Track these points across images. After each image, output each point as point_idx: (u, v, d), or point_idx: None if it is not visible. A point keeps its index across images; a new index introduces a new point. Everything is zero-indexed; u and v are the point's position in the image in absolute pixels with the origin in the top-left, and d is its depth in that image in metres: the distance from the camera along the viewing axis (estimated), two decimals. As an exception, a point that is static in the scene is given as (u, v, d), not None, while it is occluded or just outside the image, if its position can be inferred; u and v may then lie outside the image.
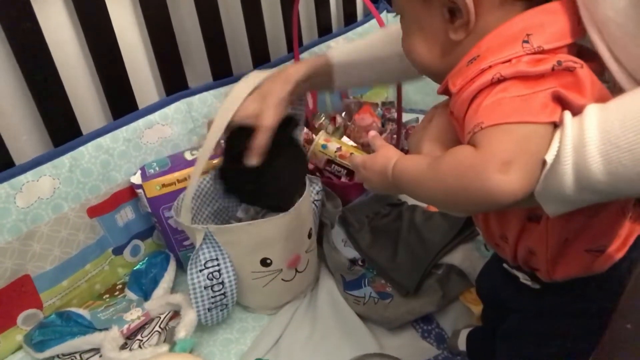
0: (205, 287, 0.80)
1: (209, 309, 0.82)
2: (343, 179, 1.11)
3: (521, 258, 0.54)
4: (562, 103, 0.39)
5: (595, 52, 0.42)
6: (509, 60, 0.41)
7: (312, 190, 0.92)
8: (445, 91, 0.48)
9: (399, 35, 0.67)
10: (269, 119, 0.72)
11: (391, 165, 0.49)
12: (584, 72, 0.40)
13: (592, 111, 0.37)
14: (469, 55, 0.44)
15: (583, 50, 0.44)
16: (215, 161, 0.92)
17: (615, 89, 0.42)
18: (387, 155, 0.51)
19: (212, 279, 0.80)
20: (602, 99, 0.38)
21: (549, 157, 0.38)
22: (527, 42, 0.41)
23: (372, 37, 0.80)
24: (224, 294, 0.82)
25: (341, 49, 0.80)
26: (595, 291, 0.52)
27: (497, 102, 0.40)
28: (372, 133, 0.56)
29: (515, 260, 0.55)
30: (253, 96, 0.75)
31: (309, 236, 0.89)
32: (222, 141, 0.75)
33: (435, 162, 0.44)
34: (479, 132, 0.40)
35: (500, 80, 0.40)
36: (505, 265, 0.59)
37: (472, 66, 0.43)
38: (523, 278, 0.56)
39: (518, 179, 0.37)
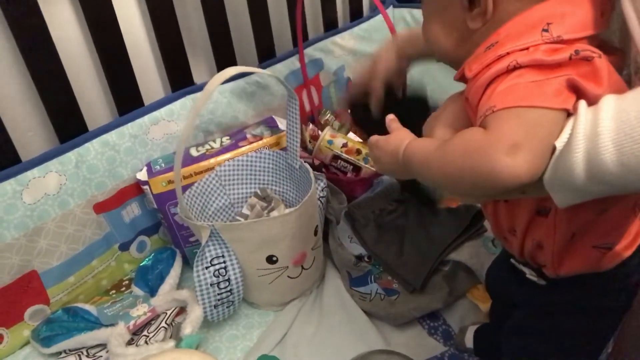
0: (211, 284, 0.80)
1: (215, 306, 0.82)
2: (349, 175, 1.10)
3: (528, 252, 0.54)
4: (578, 92, 0.39)
5: (616, 46, 0.42)
6: (527, 48, 0.41)
7: (318, 186, 0.92)
8: (462, 78, 0.47)
9: None
10: (384, 66, 0.72)
11: (403, 146, 0.50)
12: (602, 62, 0.39)
13: (609, 101, 0.36)
14: (488, 42, 0.44)
15: (603, 44, 0.44)
16: (213, 160, 0.92)
17: (636, 77, 0.41)
18: (400, 137, 0.51)
19: (218, 276, 0.80)
20: (618, 91, 0.37)
21: (559, 143, 0.37)
22: (546, 30, 0.41)
23: None
24: (230, 290, 0.82)
25: None
26: (602, 289, 0.52)
27: (511, 87, 0.40)
28: (391, 116, 0.56)
29: (522, 254, 0.55)
30: (367, 60, 0.75)
31: (315, 233, 0.89)
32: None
33: (445, 143, 0.44)
34: (490, 115, 0.40)
35: (517, 67, 0.40)
36: (512, 260, 0.58)
37: (489, 52, 0.43)
38: (529, 274, 0.56)
39: (525, 162, 0.37)
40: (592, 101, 0.38)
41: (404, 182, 0.89)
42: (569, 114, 0.38)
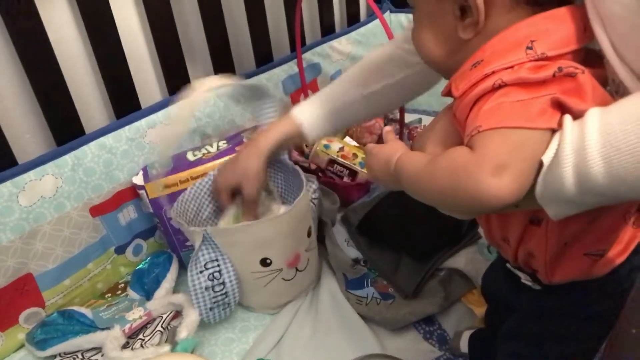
0: (206, 288, 0.80)
1: (211, 308, 0.82)
2: (345, 179, 1.11)
3: (522, 259, 0.54)
4: (562, 109, 0.39)
5: (604, 56, 0.42)
6: (512, 67, 0.41)
7: (309, 189, 0.92)
8: (449, 93, 0.48)
9: (361, 76, 0.78)
10: (251, 190, 0.83)
11: (395, 157, 0.50)
12: (585, 77, 0.39)
13: (594, 114, 0.37)
14: (473, 59, 0.44)
15: (591, 55, 0.44)
16: (209, 164, 0.92)
17: (618, 96, 0.42)
18: (394, 148, 0.51)
19: (212, 280, 0.80)
20: (604, 104, 0.38)
21: (546, 158, 0.38)
22: (530, 48, 0.41)
23: (335, 85, 0.83)
24: (225, 293, 0.82)
25: (306, 105, 0.83)
26: (594, 294, 0.52)
27: (497, 106, 0.40)
28: (388, 128, 0.57)
29: (516, 261, 0.55)
30: (232, 168, 0.84)
31: (309, 235, 0.89)
32: None
33: (433, 160, 0.44)
34: (477, 135, 0.40)
35: (502, 85, 0.40)
36: (507, 264, 0.59)
37: (475, 70, 0.43)
38: (524, 278, 0.57)
39: (510, 183, 0.37)
40: (577, 116, 0.38)
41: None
42: (554, 131, 0.39)
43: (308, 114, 0.82)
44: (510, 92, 0.40)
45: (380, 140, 1.19)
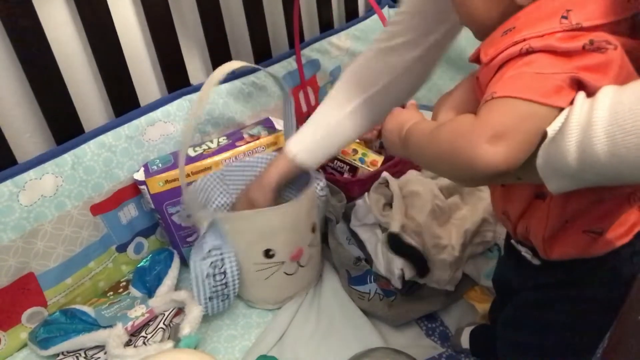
0: (207, 276, 0.80)
1: (210, 298, 0.83)
2: (345, 175, 1.11)
3: (520, 234, 0.55)
4: (580, 86, 0.39)
5: None
6: (542, 35, 0.40)
7: (317, 186, 0.92)
8: (477, 59, 0.47)
9: (342, 93, 0.76)
10: None
11: (408, 124, 0.51)
12: (616, 54, 0.39)
13: (607, 92, 0.36)
14: (505, 26, 0.43)
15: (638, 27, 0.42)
16: (210, 160, 0.92)
17: None
18: (412, 115, 0.52)
19: (214, 268, 0.81)
20: (625, 83, 0.37)
21: (551, 130, 0.38)
22: (565, 17, 0.40)
23: (321, 109, 0.82)
24: (225, 284, 0.82)
25: (298, 137, 0.82)
26: (592, 276, 0.52)
27: (518, 75, 0.40)
28: (412, 102, 0.57)
29: (516, 234, 0.56)
30: (243, 198, 0.86)
31: (313, 230, 0.89)
32: None
33: (439, 126, 0.45)
34: (489, 101, 0.40)
35: (529, 51, 0.40)
36: (512, 241, 0.59)
37: (506, 37, 0.42)
38: (525, 252, 0.57)
39: (504, 152, 0.38)
40: (594, 94, 0.37)
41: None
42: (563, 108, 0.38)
43: (301, 146, 0.82)
44: (535, 60, 0.40)
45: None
